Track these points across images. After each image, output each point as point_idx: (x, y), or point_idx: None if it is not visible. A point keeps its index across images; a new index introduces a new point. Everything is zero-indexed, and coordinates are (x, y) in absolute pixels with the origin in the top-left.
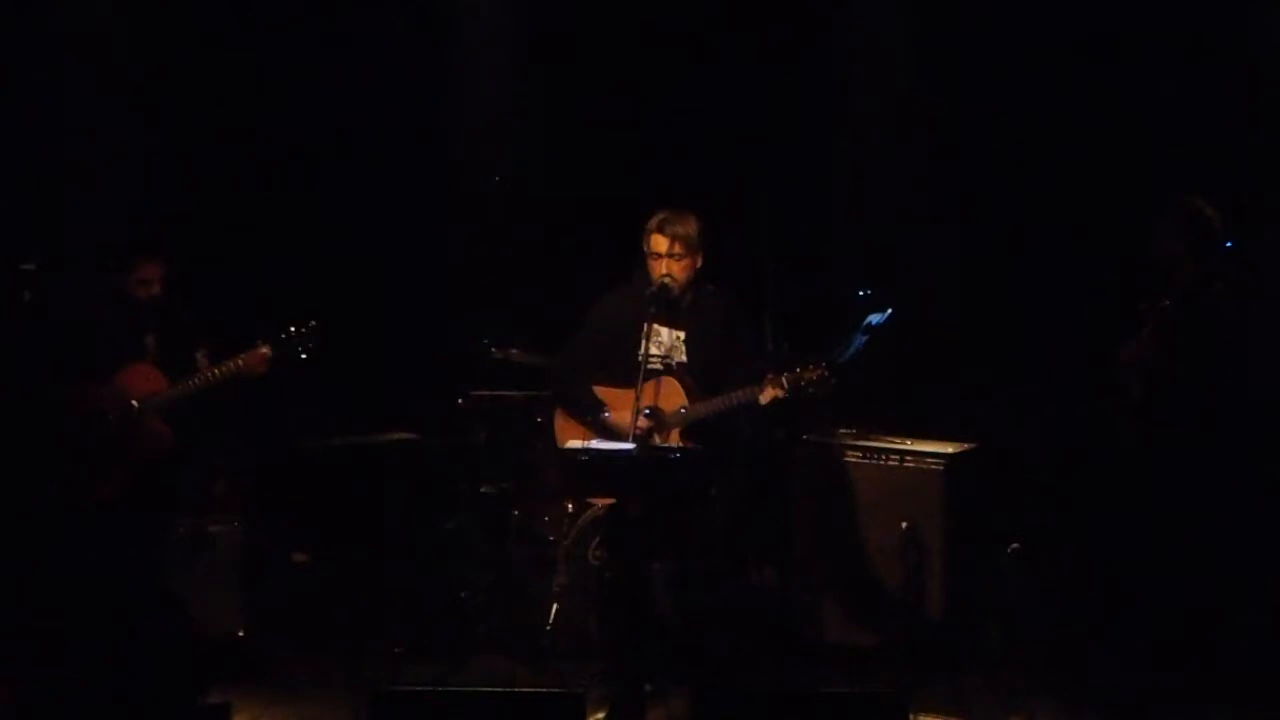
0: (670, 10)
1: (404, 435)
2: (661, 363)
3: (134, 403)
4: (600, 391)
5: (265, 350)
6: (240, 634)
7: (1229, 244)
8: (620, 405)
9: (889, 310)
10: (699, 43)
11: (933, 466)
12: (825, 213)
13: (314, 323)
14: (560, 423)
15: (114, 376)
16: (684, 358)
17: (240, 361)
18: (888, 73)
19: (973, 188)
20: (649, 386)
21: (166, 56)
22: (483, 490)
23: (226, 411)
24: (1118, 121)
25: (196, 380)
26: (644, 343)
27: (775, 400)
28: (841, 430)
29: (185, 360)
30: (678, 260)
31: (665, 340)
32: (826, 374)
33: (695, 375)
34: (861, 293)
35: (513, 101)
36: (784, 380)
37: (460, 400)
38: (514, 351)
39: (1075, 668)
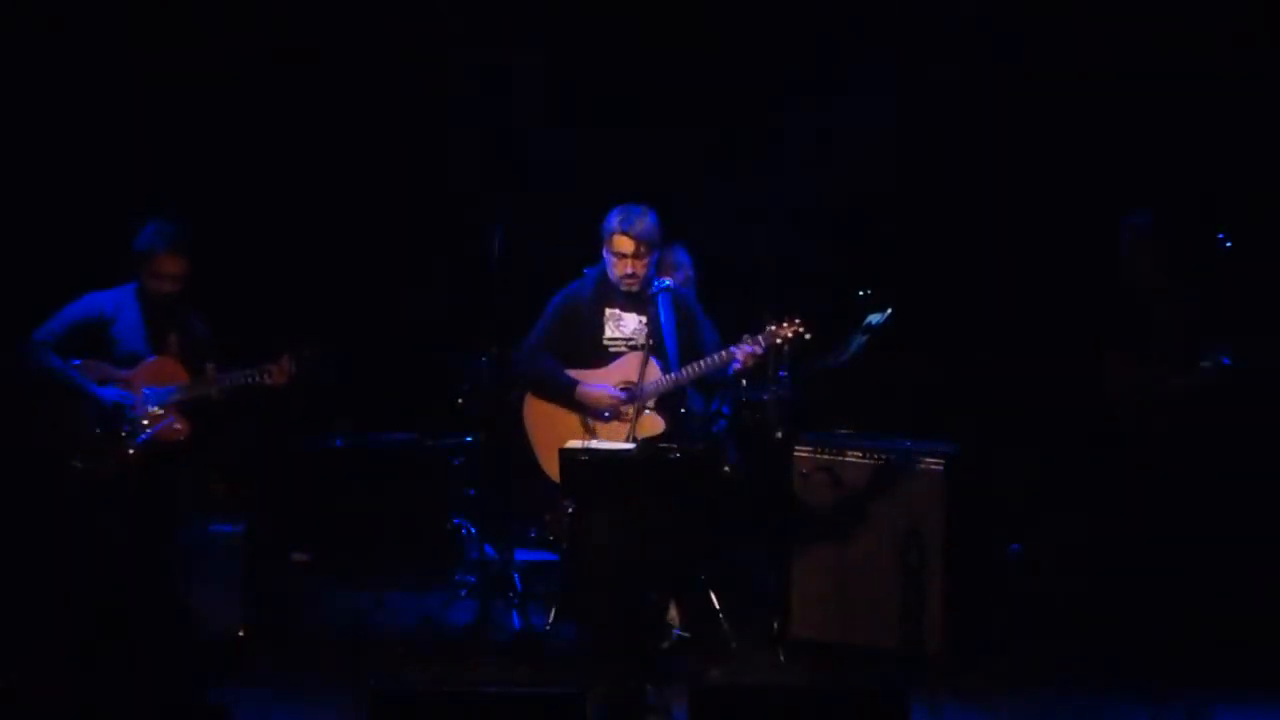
0: (669, 8)
1: (404, 435)
2: (626, 345)
3: (157, 391)
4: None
5: (290, 369)
6: (240, 634)
7: (1229, 244)
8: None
9: (889, 310)
10: (697, 40)
11: (933, 466)
12: (826, 212)
13: (338, 351)
14: (531, 414)
15: (138, 367)
16: (648, 341)
17: (266, 376)
18: (887, 69)
19: (973, 187)
20: (616, 365)
21: (166, 61)
22: (481, 490)
23: (227, 412)
24: (1122, 121)
25: (221, 382)
26: (605, 326)
27: (751, 358)
28: (841, 430)
29: (198, 368)
30: (641, 259)
31: (629, 324)
32: (801, 330)
33: (663, 355)
34: (861, 293)
35: (511, 102)
36: (760, 338)
37: (460, 400)
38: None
39: (1075, 668)
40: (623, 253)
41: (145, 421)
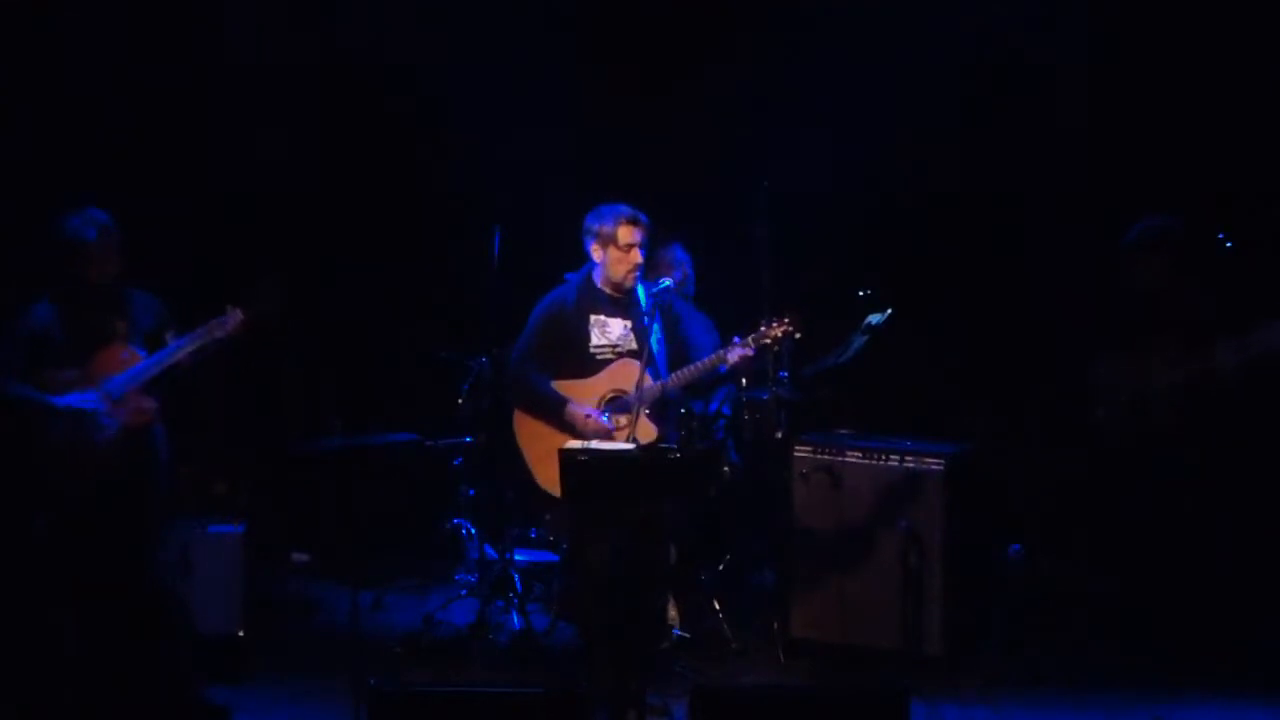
0: (668, 6)
1: (404, 435)
2: (613, 352)
3: (111, 379)
4: (559, 386)
5: (239, 315)
6: (240, 634)
7: (1229, 244)
8: (580, 395)
9: (889, 310)
10: (696, 38)
11: (933, 466)
12: (826, 211)
13: (276, 275)
14: (522, 429)
15: (89, 361)
16: (634, 346)
17: (214, 331)
18: (887, 64)
19: (972, 186)
20: (606, 373)
21: (145, 60)
22: (481, 490)
23: (226, 412)
24: (1126, 122)
25: (172, 355)
26: (591, 334)
27: (743, 360)
28: (841, 430)
29: (155, 344)
30: (641, 251)
31: (615, 330)
32: (791, 329)
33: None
34: (861, 293)
35: (508, 108)
36: (750, 339)
37: (460, 401)
38: None
39: (1075, 667)
40: (632, 242)
41: (111, 414)
